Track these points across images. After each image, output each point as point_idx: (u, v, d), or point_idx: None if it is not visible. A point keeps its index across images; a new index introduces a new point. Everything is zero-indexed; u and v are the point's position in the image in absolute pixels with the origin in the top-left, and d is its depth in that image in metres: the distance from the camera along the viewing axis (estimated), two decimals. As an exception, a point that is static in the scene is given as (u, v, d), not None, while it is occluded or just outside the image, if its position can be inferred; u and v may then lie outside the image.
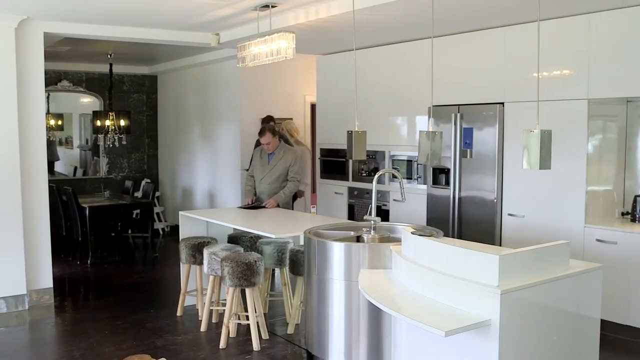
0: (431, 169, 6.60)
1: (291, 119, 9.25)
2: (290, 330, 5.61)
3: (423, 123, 6.80)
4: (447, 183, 6.48)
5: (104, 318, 6.06)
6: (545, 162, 3.73)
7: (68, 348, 5.31)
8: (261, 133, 6.85)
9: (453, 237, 6.25)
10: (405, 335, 3.94)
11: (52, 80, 10.42)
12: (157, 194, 11.11)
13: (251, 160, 7.27)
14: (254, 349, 5.19)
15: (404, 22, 6.07)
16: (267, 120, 8.62)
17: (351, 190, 7.87)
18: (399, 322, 4.01)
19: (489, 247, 4.27)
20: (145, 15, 6.26)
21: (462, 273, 3.36)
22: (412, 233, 3.90)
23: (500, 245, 5.91)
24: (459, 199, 6.36)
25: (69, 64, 10.44)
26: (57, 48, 8.14)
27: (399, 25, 6.20)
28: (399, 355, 4.06)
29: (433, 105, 5.64)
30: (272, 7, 5.79)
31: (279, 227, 5.63)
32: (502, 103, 5.98)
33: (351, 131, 4.81)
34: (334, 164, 8.15)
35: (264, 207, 6.60)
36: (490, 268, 3.20)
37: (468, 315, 3.22)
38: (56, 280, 6.79)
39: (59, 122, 12.85)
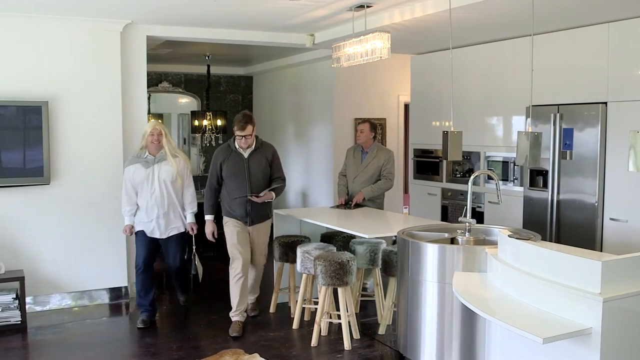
0: (528, 170, 6.42)
1: (384, 119, 9.24)
2: (382, 330, 5.59)
3: (520, 123, 6.63)
4: (545, 185, 6.28)
5: (199, 312, 6.24)
6: (652, 164, 3.57)
7: (165, 340, 5.50)
8: (360, 124, 6.98)
9: (551, 241, 6.05)
10: (500, 341, 3.85)
11: (153, 81, 10.79)
12: (252, 192, 11.31)
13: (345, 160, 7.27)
14: (345, 348, 5.20)
15: (501, 20, 5.94)
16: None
17: (445, 191, 7.77)
18: (494, 327, 3.93)
19: (589, 253, 4.11)
20: (241, 17, 6.39)
21: (561, 279, 3.25)
22: (510, 236, 3.81)
23: (601, 251, 5.68)
24: (558, 201, 6.16)
25: (169, 65, 10.80)
26: (158, 51, 8.44)
27: (497, 23, 6.07)
28: (494, 361, 3.98)
29: (531, 105, 5.49)
30: (367, 7, 5.79)
31: (372, 227, 5.63)
32: (605, 103, 5.74)
33: (447, 131, 4.75)
34: (427, 164, 8.07)
35: (357, 205, 6.61)
36: (592, 274, 3.09)
37: (567, 322, 3.11)
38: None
39: (159, 122, 13.28)
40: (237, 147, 5.76)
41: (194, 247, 6.10)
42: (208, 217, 5.92)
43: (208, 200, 5.90)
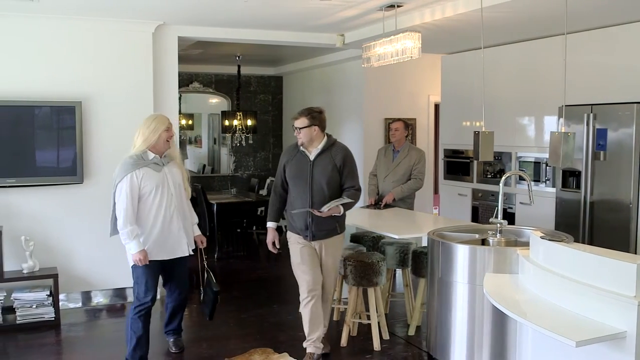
0: (560, 171, 6.34)
1: (414, 119, 9.20)
2: (411, 331, 5.57)
3: (552, 123, 6.55)
4: (578, 186, 6.20)
5: (229, 311, 6.27)
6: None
7: (196, 337, 5.54)
8: (394, 123, 6.97)
9: (583, 243, 5.97)
10: (532, 343, 3.81)
11: (184, 81, 10.89)
12: (280, 192, 11.33)
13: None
14: (375, 349, 5.19)
15: (534, 19, 5.87)
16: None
17: (475, 192, 7.71)
18: (525, 329, 3.89)
19: (624, 255, 4.04)
20: (272, 17, 6.41)
21: (595, 281, 3.20)
22: (542, 237, 3.77)
23: (636, 253, 5.59)
24: (591, 203, 6.06)
25: (200, 66, 10.88)
26: (189, 51, 8.51)
27: (529, 22, 6.01)
28: (525, 363, 3.93)
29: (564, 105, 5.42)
30: (398, 6, 5.77)
31: (401, 228, 5.60)
32: (640, 102, 5.66)
33: (478, 132, 4.72)
34: (457, 164, 8.01)
35: (387, 205, 6.59)
36: (626, 277, 3.04)
37: (601, 325, 3.06)
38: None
39: (190, 122, 13.42)
40: (301, 147, 4.87)
41: (205, 262, 5.16)
42: (270, 225, 5.02)
43: (271, 206, 5.01)
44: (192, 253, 4.90)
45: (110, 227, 4.69)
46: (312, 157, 4.77)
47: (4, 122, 6.00)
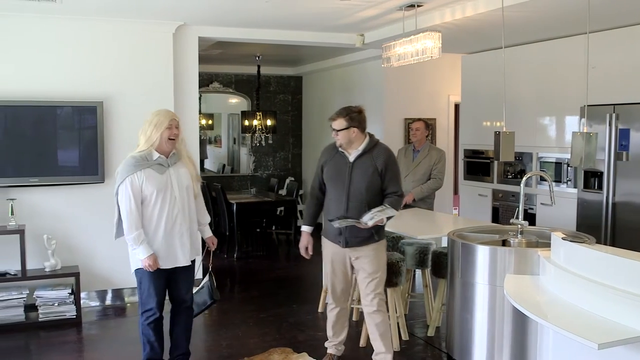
0: (582, 172, 6.28)
1: (434, 119, 9.17)
2: (431, 332, 5.55)
3: (573, 124, 6.49)
4: (600, 187, 6.14)
5: (248, 310, 6.28)
6: None
7: (215, 337, 5.56)
8: (414, 123, 6.99)
9: (605, 244, 5.91)
10: (552, 345, 3.78)
11: (204, 82, 10.93)
12: (300, 192, 11.36)
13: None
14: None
15: (556, 19, 5.83)
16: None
17: (496, 192, 7.67)
18: (546, 331, 3.86)
19: (647, 256, 4.00)
20: (292, 17, 6.42)
21: (617, 283, 3.17)
22: (563, 238, 3.73)
23: (659, 255, 5.52)
24: (613, 204, 6.01)
25: (220, 66, 10.92)
26: (209, 51, 8.54)
27: (551, 21, 5.96)
28: (546, 365, 3.90)
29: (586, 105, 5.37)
30: (418, 6, 5.75)
31: (421, 228, 5.59)
32: (664, 102, 5.59)
33: (499, 132, 4.69)
34: (478, 165, 7.97)
35: (407, 205, 6.57)
36: (649, 279, 3.00)
37: (623, 328, 3.03)
38: (205, 272, 7.12)
39: (209, 122, 13.48)
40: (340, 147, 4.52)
41: (210, 266, 4.77)
42: (304, 229, 4.69)
43: (307, 208, 4.73)
44: (189, 263, 4.41)
45: (114, 229, 4.34)
46: (351, 159, 4.43)
47: (27, 122, 6.06)
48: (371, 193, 4.38)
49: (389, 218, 4.34)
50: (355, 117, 4.41)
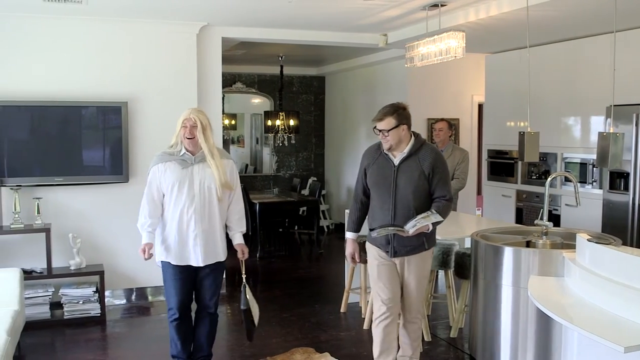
0: (608, 172, 6.21)
1: (457, 119, 9.12)
2: (454, 334, 5.52)
3: (599, 124, 6.42)
4: (626, 188, 6.06)
5: (271, 310, 6.30)
6: None
7: (238, 336, 5.57)
8: (437, 123, 6.99)
9: (632, 246, 5.83)
10: (577, 348, 3.74)
11: (227, 82, 10.97)
12: (322, 192, 11.35)
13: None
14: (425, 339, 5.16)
15: (581, 17, 5.77)
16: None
17: (520, 193, 7.61)
18: (571, 333, 3.82)
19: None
20: (315, 17, 6.42)
21: (644, 285, 3.13)
22: (589, 240, 3.69)
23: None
24: (639, 205, 5.93)
25: (243, 66, 10.96)
26: (232, 52, 8.58)
27: (576, 20, 5.90)
28: (570, 368, 3.86)
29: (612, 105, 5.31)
30: (442, 6, 5.73)
31: (444, 229, 5.55)
32: (692, 102, 5.51)
33: (523, 132, 4.66)
34: (501, 165, 7.92)
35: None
36: (677, 281, 2.96)
37: (650, 330, 2.99)
38: (227, 271, 7.15)
39: (232, 122, 13.53)
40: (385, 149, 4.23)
41: (243, 276, 4.59)
42: (349, 236, 4.44)
43: (351, 214, 4.44)
44: (201, 264, 4.28)
45: None
46: (396, 162, 4.15)
47: (53, 122, 6.14)
48: (419, 198, 4.10)
49: (435, 224, 4.05)
50: (402, 113, 4.16)
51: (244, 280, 4.54)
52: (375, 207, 4.23)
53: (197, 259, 4.24)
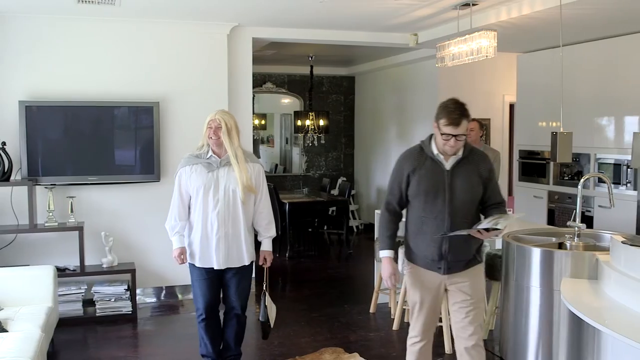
0: (643, 173, 6.11)
1: (489, 119, 9.05)
2: (484, 335, 5.46)
3: (633, 124, 6.32)
4: (662, 189, 5.96)
5: (300, 309, 6.31)
6: None
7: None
8: (470, 123, 6.79)
9: (667, 248, 5.73)
10: (611, 352, 3.68)
11: (257, 82, 11.02)
12: (352, 192, 11.33)
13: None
14: (446, 352, 5.14)
15: (615, 16, 5.68)
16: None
17: (551, 194, 7.51)
18: (604, 337, 3.75)
19: None
20: (346, 17, 6.42)
21: (680, 289, 3.07)
22: (623, 242, 3.63)
23: None
24: (675, 207, 5.83)
25: (273, 66, 10.99)
26: (262, 52, 8.61)
27: (610, 19, 5.81)
28: (604, 372, 3.80)
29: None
30: (473, 5, 5.69)
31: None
32: None
33: (556, 132, 4.60)
34: (533, 166, 7.83)
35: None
36: None
37: (687, 335, 2.93)
38: (256, 270, 7.18)
39: (262, 122, 13.59)
40: (435, 152, 3.77)
41: (265, 284, 4.55)
42: (386, 254, 3.81)
43: (384, 229, 3.84)
44: (221, 267, 4.27)
45: None
46: (448, 166, 3.69)
47: (86, 122, 6.23)
48: (474, 205, 3.72)
49: (497, 231, 3.62)
50: (468, 112, 3.76)
51: (264, 288, 4.54)
52: (422, 219, 3.71)
53: (218, 262, 4.25)
